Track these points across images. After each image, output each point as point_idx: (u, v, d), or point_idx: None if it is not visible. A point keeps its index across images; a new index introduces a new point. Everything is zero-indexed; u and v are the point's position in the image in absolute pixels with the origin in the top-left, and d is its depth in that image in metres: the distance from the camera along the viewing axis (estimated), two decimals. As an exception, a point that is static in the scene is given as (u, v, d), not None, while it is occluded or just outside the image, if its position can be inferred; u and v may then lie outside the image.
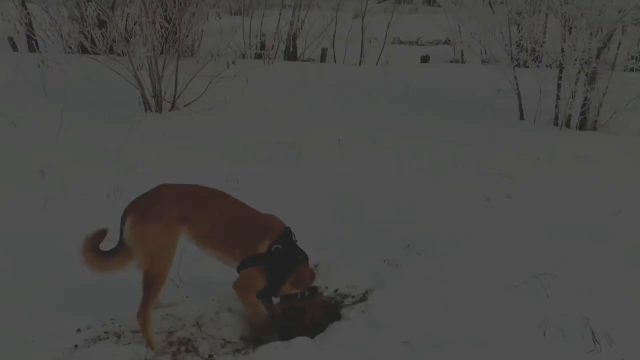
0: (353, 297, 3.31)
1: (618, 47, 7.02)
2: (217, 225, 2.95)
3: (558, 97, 7.14)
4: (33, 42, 9.68)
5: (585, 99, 6.90)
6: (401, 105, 7.77)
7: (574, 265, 3.61)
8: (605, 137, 6.80)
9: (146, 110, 6.88)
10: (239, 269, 2.97)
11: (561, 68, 7.04)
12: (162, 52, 6.92)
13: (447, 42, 13.40)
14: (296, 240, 3.03)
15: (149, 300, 2.76)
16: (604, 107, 7.02)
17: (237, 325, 3.08)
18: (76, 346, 2.81)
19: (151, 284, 2.76)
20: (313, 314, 2.99)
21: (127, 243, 2.79)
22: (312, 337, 2.93)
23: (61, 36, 8.42)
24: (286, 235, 2.98)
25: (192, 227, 2.89)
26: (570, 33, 6.84)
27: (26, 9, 9.37)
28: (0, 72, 7.59)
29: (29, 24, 9.10)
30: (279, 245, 2.89)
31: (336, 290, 3.37)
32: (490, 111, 7.57)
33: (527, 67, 7.90)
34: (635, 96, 6.70)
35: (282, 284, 2.96)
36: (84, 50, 7.66)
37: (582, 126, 7.09)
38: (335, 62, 11.15)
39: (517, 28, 8.52)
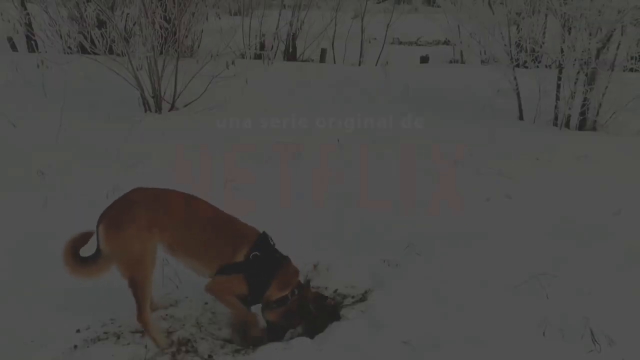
0: (353, 297, 3.31)
1: (617, 47, 7.02)
2: (191, 231, 2.86)
3: (557, 98, 7.14)
4: (32, 42, 9.67)
5: (585, 99, 6.90)
6: (401, 105, 7.76)
7: (574, 265, 3.62)
8: (605, 137, 6.80)
9: (146, 111, 6.87)
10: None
11: (560, 68, 7.04)
12: (161, 53, 6.91)
13: (446, 42, 13.40)
14: (274, 244, 2.97)
15: (142, 304, 2.75)
16: (603, 108, 7.01)
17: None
18: (76, 346, 2.81)
19: (137, 291, 2.74)
20: (308, 308, 2.96)
21: (105, 252, 2.78)
22: (312, 337, 2.93)
23: (61, 36, 8.42)
24: (263, 241, 2.92)
25: (164, 232, 2.80)
26: (569, 33, 6.84)
27: (26, 9, 9.36)
28: (0, 72, 7.59)
29: (29, 24, 9.09)
30: (257, 252, 2.84)
31: (336, 291, 3.37)
32: (490, 111, 7.57)
33: (527, 67, 7.90)
34: (635, 96, 6.69)
35: (265, 290, 2.91)
36: (83, 50, 7.66)
37: (581, 126, 7.09)
38: (334, 62, 11.15)
39: (517, 28, 8.51)
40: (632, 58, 6.89)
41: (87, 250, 2.85)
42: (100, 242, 2.76)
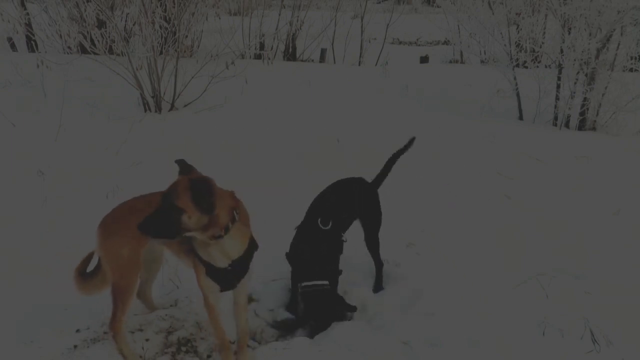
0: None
1: (617, 47, 7.03)
2: None
3: (557, 98, 7.15)
4: (32, 42, 9.66)
5: (585, 99, 6.91)
6: (401, 105, 7.77)
7: (574, 265, 3.62)
8: (604, 137, 6.80)
9: (145, 111, 6.87)
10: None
11: (560, 68, 7.04)
12: (161, 53, 6.90)
13: (446, 42, 13.41)
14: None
15: (118, 312, 2.69)
16: (603, 108, 7.02)
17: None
18: (76, 346, 2.82)
19: (118, 297, 2.70)
20: None
21: (99, 256, 2.76)
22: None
23: (60, 36, 8.41)
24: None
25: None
26: (569, 33, 6.85)
27: (25, 9, 9.35)
28: (0, 72, 7.58)
29: (28, 24, 9.08)
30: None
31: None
32: (490, 111, 7.57)
33: (527, 67, 7.91)
34: (635, 96, 6.71)
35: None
36: (83, 50, 7.65)
37: (581, 126, 7.10)
38: (334, 62, 11.15)
39: (517, 28, 8.52)
40: (632, 58, 6.89)
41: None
42: (96, 248, 2.74)
